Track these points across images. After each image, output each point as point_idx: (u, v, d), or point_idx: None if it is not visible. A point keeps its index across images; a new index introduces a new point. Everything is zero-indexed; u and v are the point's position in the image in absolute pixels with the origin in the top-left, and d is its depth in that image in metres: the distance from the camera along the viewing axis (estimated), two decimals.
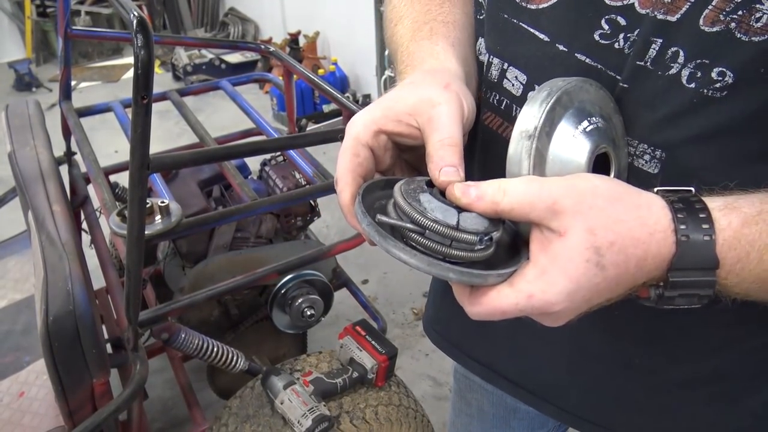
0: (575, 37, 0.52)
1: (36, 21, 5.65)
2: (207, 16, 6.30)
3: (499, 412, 0.97)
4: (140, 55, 0.79)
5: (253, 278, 1.41)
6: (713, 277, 0.42)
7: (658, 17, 0.46)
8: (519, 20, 0.56)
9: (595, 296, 0.43)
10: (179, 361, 1.63)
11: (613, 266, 0.42)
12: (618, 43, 0.49)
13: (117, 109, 1.73)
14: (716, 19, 0.44)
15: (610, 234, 0.41)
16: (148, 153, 0.91)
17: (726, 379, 0.63)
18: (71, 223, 1.26)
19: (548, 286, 0.42)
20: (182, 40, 3.98)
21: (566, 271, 0.41)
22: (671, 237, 0.42)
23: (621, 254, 0.42)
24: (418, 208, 0.44)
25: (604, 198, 0.42)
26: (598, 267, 0.41)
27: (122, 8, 0.86)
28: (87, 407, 1.15)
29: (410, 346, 2.33)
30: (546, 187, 0.42)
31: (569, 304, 0.42)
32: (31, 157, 1.45)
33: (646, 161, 0.51)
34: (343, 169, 0.49)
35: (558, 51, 0.53)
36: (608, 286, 0.43)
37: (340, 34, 4.54)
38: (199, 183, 1.87)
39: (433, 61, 0.58)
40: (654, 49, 0.47)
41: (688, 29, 0.45)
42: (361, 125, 0.50)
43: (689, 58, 0.46)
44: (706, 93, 0.46)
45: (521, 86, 0.58)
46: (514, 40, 0.57)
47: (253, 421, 1.29)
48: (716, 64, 0.45)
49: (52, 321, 1.03)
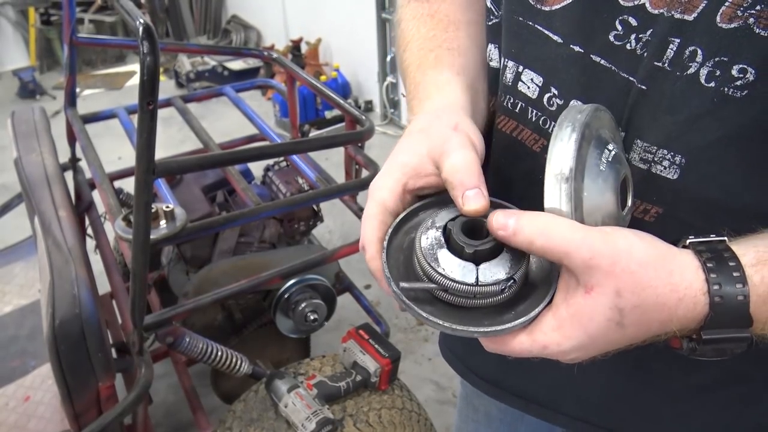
0: (590, 38, 0.52)
1: (40, 29, 5.68)
2: (210, 23, 6.33)
3: (507, 417, 0.96)
4: (146, 62, 0.80)
5: (257, 283, 1.42)
6: (747, 333, 0.43)
7: (675, 16, 0.46)
8: (534, 22, 0.56)
9: (612, 348, 0.45)
10: (183, 365, 1.64)
11: (633, 326, 0.43)
12: (630, 44, 0.49)
13: (121, 115, 1.75)
14: (734, 15, 0.43)
15: (636, 298, 0.42)
16: (154, 158, 0.92)
17: (743, 381, 0.62)
18: (77, 228, 1.27)
19: (564, 340, 0.44)
20: (185, 47, 4.00)
21: (586, 329, 0.43)
22: (703, 299, 0.42)
23: (643, 317, 0.43)
24: (438, 270, 0.46)
25: (638, 262, 0.42)
26: (618, 326, 0.43)
27: (128, 15, 0.87)
28: (92, 411, 1.15)
29: (413, 350, 2.33)
30: (588, 240, 0.42)
31: (583, 354, 0.45)
32: (37, 163, 1.47)
33: (665, 167, 0.50)
34: (371, 237, 0.50)
35: (573, 52, 0.53)
36: (626, 341, 0.45)
37: (342, 40, 4.56)
38: (203, 188, 1.88)
39: (438, 97, 0.59)
40: (672, 49, 0.46)
41: (706, 27, 0.45)
42: (387, 191, 0.51)
43: (707, 56, 0.45)
44: (726, 92, 0.45)
45: (537, 88, 0.57)
46: (529, 42, 0.57)
47: (257, 424, 1.29)
48: (736, 61, 0.44)
49: (59, 324, 1.04)
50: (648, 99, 0.49)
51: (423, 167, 0.51)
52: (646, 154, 0.51)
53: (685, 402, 0.66)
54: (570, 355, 0.44)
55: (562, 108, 0.56)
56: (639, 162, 0.52)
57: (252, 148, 1.26)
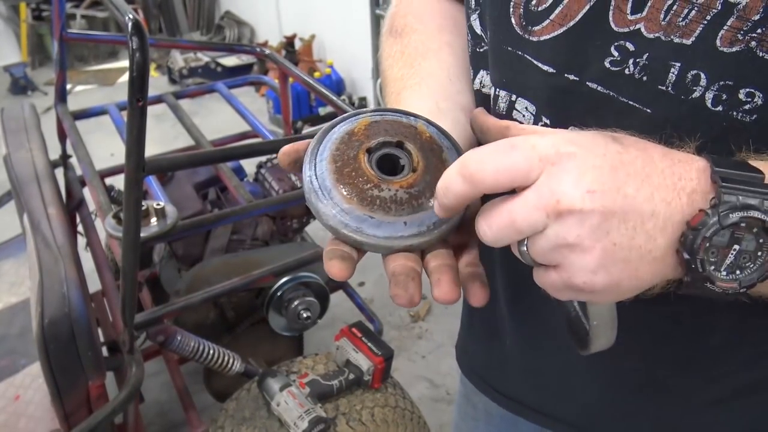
0: (585, 67, 0.51)
1: (31, 25, 5.64)
2: (203, 19, 6.31)
3: (508, 415, 0.96)
4: (135, 58, 0.80)
5: (249, 280, 1.42)
6: (762, 180, 0.39)
7: (675, 41, 0.45)
8: (523, 52, 0.55)
9: (621, 168, 0.38)
10: (175, 363, 1.63)
11: (633, 147, 0.39)
12: (628, 69, 0.48)
13: (112, 111, 1.73)
14: (734, 39, 0.42)
15: (622, 134, 0.41)
16: (144, 155, 0.91)
17: (759, 390, 0.62)
18: (66, 226, 1.26)
19: (560, 134, 0.40)
20: (178, 43, 3.97)
21: (579, 133, 0.40)
22: (695, 155, 0.41)
23: (639, 143, 0.40)
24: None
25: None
26: (614, 140, 0.39)
27: (117, 11, 0.86)
28: (83, 410, 1.15)
29: (407, 348, 2.33)
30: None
31: (587, 155, 0.38)
32: (26, 160, 1.45)
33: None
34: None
35: (568, 81, 0.52)
36: (634, 163, 0.38)
37: (336, 37, 4.55)
38: (195, 186, 1.87)
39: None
40: (673, 73, 0.46)
41: (706, 51, 0.44)
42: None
43: (712, 80, 0.44)
44: (736, 116, 0.44)
45: (532, 116, 0.57)
46: (521, 71, 0.56)
47: (249, 423, 1.29)
48: (742, 85, 0.43)
49: (48, 323, 1.03)
50: (653, 123, 0.48)
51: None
52: None
53: (704, 414, 0.65)
54: (569, 147, 0.38)
55: None
56: None
57: (243, 145, 1.26)
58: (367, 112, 0.50)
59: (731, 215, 0.37)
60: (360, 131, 0.48)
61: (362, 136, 0.48)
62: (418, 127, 0.49)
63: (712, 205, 0.38)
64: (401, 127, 0.49)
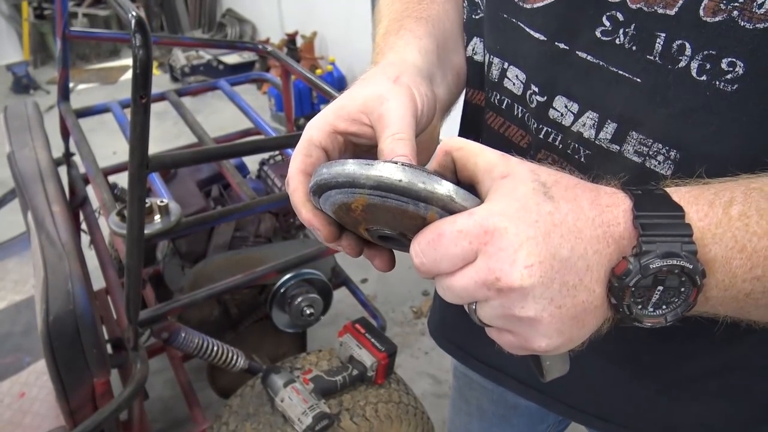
0: (576, 36, 0.52)
1: (33, 23, 5.64)
2: (204, 17, 6.31)
3: (500, 410, 0.97)
4: (139, 55, 0.80)
5: (252, 277, 1.42)
6: (682, 218, 0.39)
7: (658, 11, 0.46)
8: (517, 19, 0.56)
9: (554, 231, 0.38)
10: (179, 360, 1.64)
11: (563, 200, 0.39)
12: (618, 39, 0.49)
13: (115, 109, 1.74)
14: (717, 8, 0.43)
15: (554, 176, 0.40)
16: (147, 152, 0.92)
17: (736, 370, 0.63)
18: (70, 224, 1.27)
19: (491, 204, 0.39)
20: (180, 40, 3.96)
21: (510, 194, 0.38)
22: (621, 192, 0.41)
23: (569, 191, 0.40)
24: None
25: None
26: (546, 196, 0.39)
27: (121, 8, 0.86)
28: (88, 407, 1.15)
29: (410, 344, 2.33)
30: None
31: (520, 226, 0.37)
32: (30, 158, 1.46)
33: (659, 162, 0.50)
34: (294, 170, 0.48)
35: (558, 49, 0.53)
36: (565, 221, 0.38)
37: (338, 33, 4.54)
38: (198, 183, 1.88)
39: (390, 54, 0.57)
40: (659, 43, 0.47)
41: (690, 21, 0.45)
42: (314, 128, 0.49)
43: (696, 50, 0.45)
44: (718, 85, 0.45)
45: (521, 85, 0.58)
46: (513, 39, 0.57)
47: (253, 419, 1.29)
48: (724, 55, 0.44)
49: (53, 320, 1.03)
50: (642, 91, 0.49)
51: (357, 114, 0.49)
52: (641, 147, 0.51)
53: (678, 392, 0.66)
54: (501, 223, 0.37)
55: (542, 105, 0.56)
56: (633, 155, 0.52)
57: (246, 142, 1.26)
58: (364, 186, 0.40)
59: (652, 265, 0.38)
60: (357, 210, 0.41)
61: (359, 216, 0.42)
62: (428, 217, 0.40)
63: (634, 254, 0.39)
64: (405, 217, 0.40)
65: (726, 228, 0.39)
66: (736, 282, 0.39)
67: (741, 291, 0.39)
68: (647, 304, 0.40)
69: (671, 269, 0.38)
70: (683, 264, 0.38)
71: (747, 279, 0.39)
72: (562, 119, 0.55)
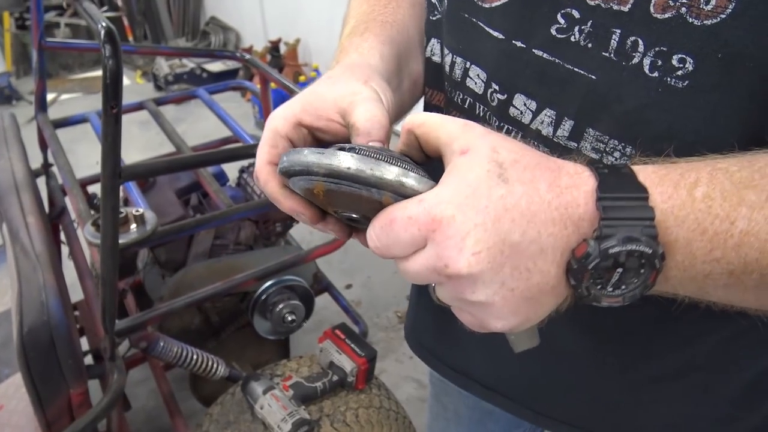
0: (532, 34, 0.52)
1: (15, 34, 5.61)
2: (188, 25, 6.29)
3: (475, 415, 0.97)
4: (108, 65, 0.80)
5: (232, 285, 1.42)
6: (646, 200, 0.39)
7: (614, 8, 0.47)
8: (477, 19, 0.57)
9: (504, 216, 0.38)
10: (161, 370, 1.63)
11: (518, 182, 0.39)
12: (574, 36, 0.50)
13: (93, 119, 1.73)
14: (666, 5, 0.44)
15: (514, 154, 0.40)
16: (120, 161, 0.92)
17: (699, 370, 0.63)
18: (46, 235, 1.26)
19: (441, 190, 0.39)
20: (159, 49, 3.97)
21: (463, 177, 0.39)
22: (587, 171, 0.41)
23: (527, 172, 0.39)
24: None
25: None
26: (500, 178, 0.38)
27: (91, 19, 0.87)
28: (65, 418, 1.14)
29: (394, 349, 2.34)
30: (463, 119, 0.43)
31: (467, 213, 0.37)
32: (5, 170, 1.45)
33: (615, 158, 0.51)
34: (262, 162, 0.49)
35: (516, 48, 0.53)
36: (518, 205, 0.38)
37: (321, 40, 4.56)
38: (177, 191, 1.87)
39: (355, 55, 0.58)
40: (614, 40, 0.47)
41: (641, 18, 0.45)
42: (280, 118, 0.50)
43: (648, 46, 0.46)
44: (669, 82, 0.45)
45: (483, 84, 0.58)
46: (474, 38, 0.57)
47: (233, 427, 1.29)
48: (675, 51, 0.45)
49: (27, 332, 1.03)
50: (598, 88, 0.50)
51: (325, 111, 0.49)
52: (598, 143, 0.52)
53: (642, 393, 0.67)
54: (448, 210, 0.37)
55: (503, 104, 0.57)
56: (591, 151, 0.52)
57: (221, 151, 1.26)
58: (318, 174, 0.41)
59: (611, 250, 0.38)
60: (320, 195, 0.43)
61: (324, 201, 0.44)
62: (383, 201, 0.41)
63: (595, 237, 0.39)
64: (362, 202, 0.42)
65: (689, 210, 0.39)
66: (696, 263, 0.39)
67: (700, 272, 0.40)
68: (606, 284, 0.40)
69: (632, 253, 0.38)
70: (642, 249, 0.38)
71: (707, 261, 0.39)
72: (521, 117, 0.56)
